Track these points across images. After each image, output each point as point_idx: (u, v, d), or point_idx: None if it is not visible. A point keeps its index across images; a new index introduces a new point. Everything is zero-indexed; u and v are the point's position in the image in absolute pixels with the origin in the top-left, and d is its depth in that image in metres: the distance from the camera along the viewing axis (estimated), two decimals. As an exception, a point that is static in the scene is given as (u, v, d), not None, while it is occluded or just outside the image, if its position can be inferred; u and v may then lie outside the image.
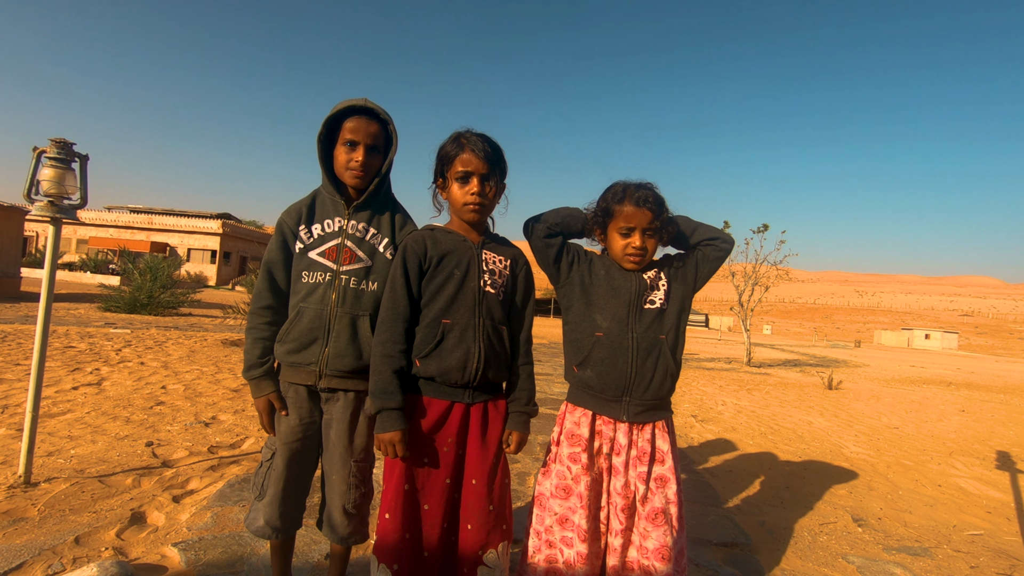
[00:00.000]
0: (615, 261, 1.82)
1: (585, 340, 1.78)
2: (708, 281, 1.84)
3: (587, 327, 1.78)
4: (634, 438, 1.74)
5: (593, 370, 1.75)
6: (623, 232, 1.74)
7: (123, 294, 13.02)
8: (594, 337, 1.76)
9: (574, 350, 1.81)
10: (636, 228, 1.73)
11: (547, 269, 1.85)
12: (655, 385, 1.73)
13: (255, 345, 1.73)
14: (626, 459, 1.73)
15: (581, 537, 1.67)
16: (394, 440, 1.55)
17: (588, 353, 1.76)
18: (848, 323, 79.32)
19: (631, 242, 1.74)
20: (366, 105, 1.70)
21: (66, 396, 4.46)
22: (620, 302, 1.76)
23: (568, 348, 1.85)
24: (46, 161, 2.57)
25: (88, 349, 7.03)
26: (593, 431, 1.75)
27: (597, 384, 1.75)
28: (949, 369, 17.89)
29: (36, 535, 2.17)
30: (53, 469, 2.87)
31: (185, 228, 36.27)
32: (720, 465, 4.19)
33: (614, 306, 1.76)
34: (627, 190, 1.73)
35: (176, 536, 2.26)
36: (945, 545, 2.93)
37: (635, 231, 1.73)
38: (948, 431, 6.35)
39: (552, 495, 1.75)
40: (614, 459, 1.73)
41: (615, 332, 1.74)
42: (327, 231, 1.74)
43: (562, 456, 1.77)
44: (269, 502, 1.71)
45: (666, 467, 1.74)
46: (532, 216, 1.84)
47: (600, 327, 1.76)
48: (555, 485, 1.75)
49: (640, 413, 1.74)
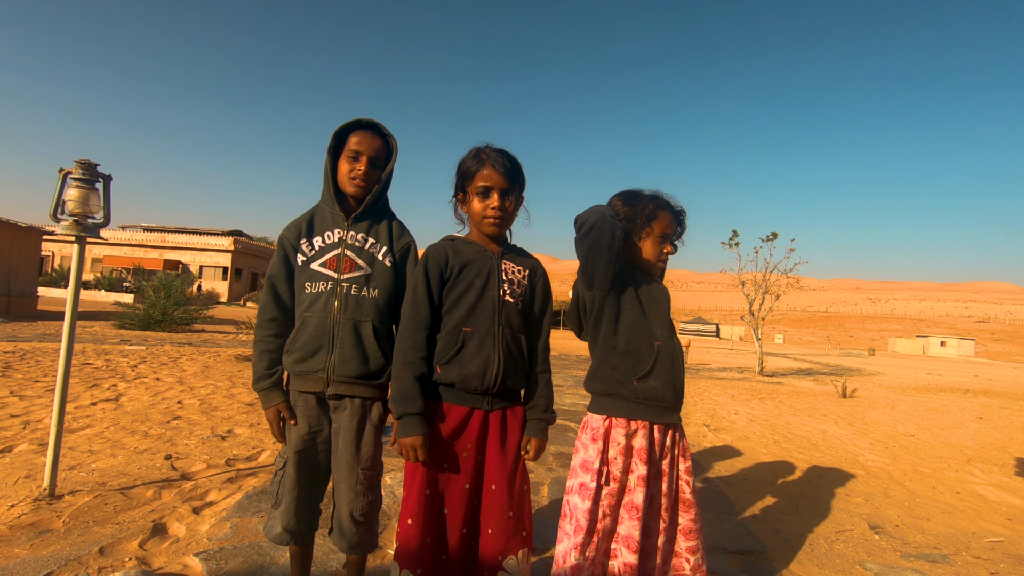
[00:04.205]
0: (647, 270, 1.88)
1: (646, 350, 1.74)
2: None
3: (645, 336, 1.75)
4: (668, 441, 1.78)
5: (657, 380, 1.73)
6: (661, 238, 1.84)
7: (137, 311, 13.21)
8: (655, 347, 1.75)
9: (631, 361, 1.74)
10: (671, 235, 1.85)
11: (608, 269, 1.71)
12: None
13: (262, 357, 1.79)
14: (671, 459, 1.77)
15: (632, 548, 1.66)
16: (416, 444, 1.58)
17: (653, 364, 1.73)
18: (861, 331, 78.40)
19: (666, 248, 1.85)
20: (371, 121, 1.81)
21: (85, 412, 4.54)
22: (663, 311, 1.80)
23: (620, 360, 1.75)
24: (71, 182, 2.65)
25: (105, 366, 7.13)
26: (652, 441, 1.74)
27: (660, 395, 1.73)
28: (966, 376, 17.62)
29: (62, 546, 2.22)
30: (76, 482, 2.93)
31: (197, 245, 36.76)
32: (734, 474, 4.17)
33: (660, 314, 1.79)
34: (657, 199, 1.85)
35: (197, 546, 2.30)
36: (964, 552, 2.90)
37: (670, 237, 1.85)
38: (966, 438, 6.26)
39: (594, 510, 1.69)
40: (662, 463, 1.76)
41: (667, 340, 1.77)
42: (327, 242, 1.81)
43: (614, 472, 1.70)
44: (285, 510, 1.75)
45: (684, 467, 1.80)
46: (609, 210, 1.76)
47: (658, 336, 1.76)
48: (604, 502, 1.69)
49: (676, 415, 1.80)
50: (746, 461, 4.59)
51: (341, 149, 1.81)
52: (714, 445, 5.12)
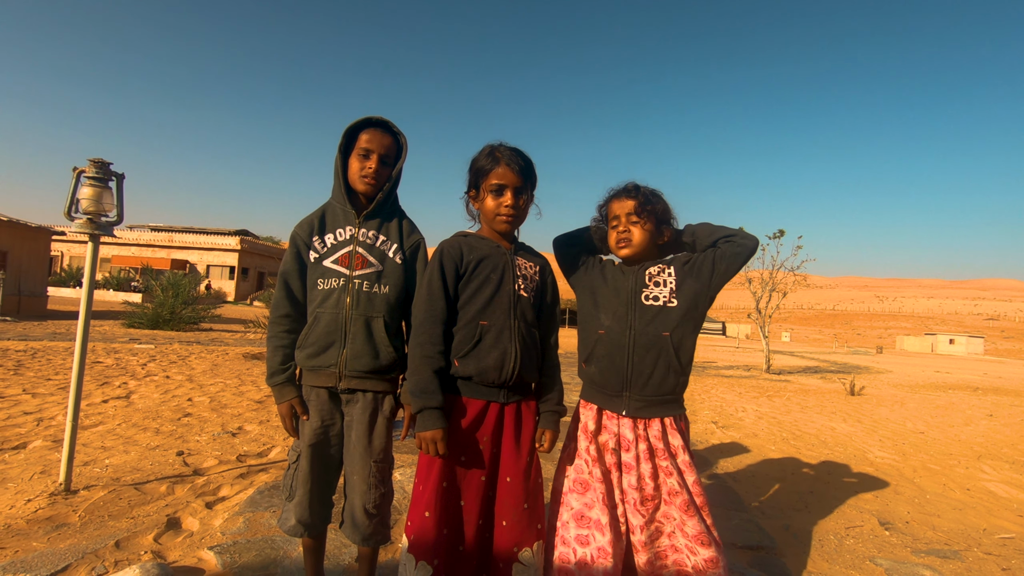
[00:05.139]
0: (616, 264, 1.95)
1: (590, 338, 1.89)
2: (728, 280, 1.82)
3: (592, 325, 1.89)
4: (640, 433, 1.78)
5: (596, 366, 1.86)
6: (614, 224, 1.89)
7: (146, 310, 13.32)
8: (597, 335, 1.87)
9: (581, 347, 1.93)
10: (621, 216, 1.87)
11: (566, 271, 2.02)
12: (655, 381, 1.76)
13: (276, 353, 1.81)
14: (636, 454, 1.76)
15: (601, 531, 1.70)
16: (436, 438, 1.60)
17: (592, 350, 1.87)
18: (869, 329, 77.97)
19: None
20: (381, 119, 1.81)
21: (97, 409, 4.59)
22: (620, 301, 1.85)
23: (578, 346, 1.96)
24: (85, 180, 2.68)
25: (115, 364, 7.20)
26: (600, 425, 1.84)
27: (600, 380, 1.85)
28: (976, 374, 17.50)
29: (79, 539, 2.25)
30: (90, 478, 2.96)
31: (204, 245, 36.96)
32: (742, 470, 4.17)
33: (615, 305, 1.86)
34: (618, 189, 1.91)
35: (211, 540, 2.33)
36: (975, 548, 2.89)
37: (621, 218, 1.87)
38: (976, 435, 6.23)
39: (571, 490, 1.80)
40: (623, 455, 1.77)
41: (615, 330, 1.83)
42: (339, 239, 1.82)
43: (580, 450, 1.83)
44: (299, 502, 1.77)
45: (681, 460, 1.78)
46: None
47: (603, 325, 1.86)
48: (573, 480, 1.81)
49: (642, 408, 1.78)
50: (754, 458, 4.59)
51: (352, 147, 1.82)
52: (722, 442, 5.11)
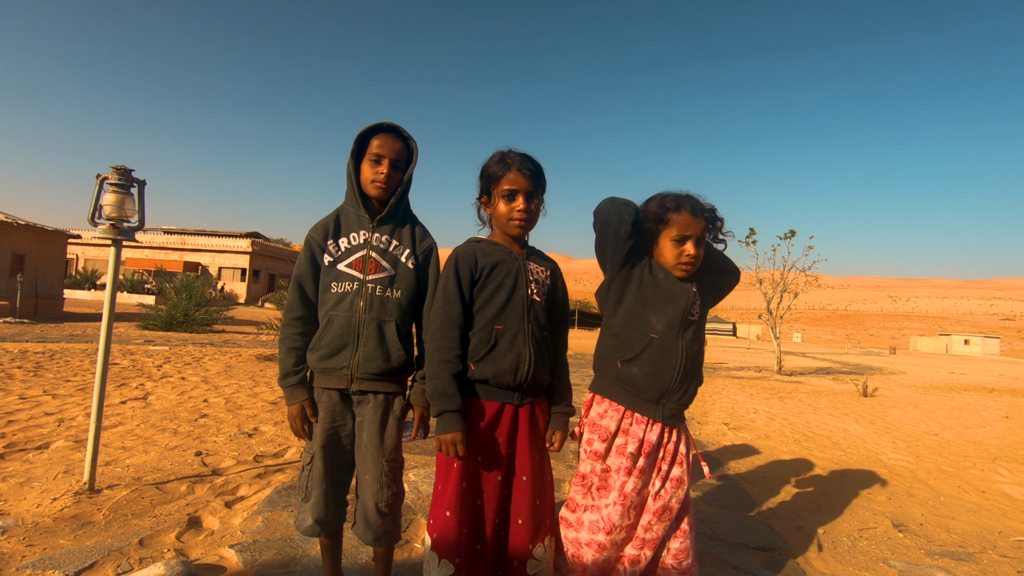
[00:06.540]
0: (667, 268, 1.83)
1: (637, 338, 1.79)
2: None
3: (641, 326, 1.80)
4: (665, 440, 1.81)
5: (641, 369, 1.78)
6: (678, 240, 1.77)
7: (160, 312, 13.49)
8: (648, 338, 1.78)
9: (621, 345, 1.82)
10: (691, 236, 1.76)
11: (615, 251, 1.79)
12: (690, 393, 1.81)
13: (289, 355, 1.84)
14: (654, 460, 1.79)
15: (606, 529, 1.73)
16: (456, 440, 1.63)
17: (640, 352, 1.78)
18: (882, 329, 77.14)
19: (685, 250, 1.77)
20: (392, 125, 1.84)
21: (115, 410, 4.67)
22: (675, 309, 1.78)
23: (613, 343, 1.84)
24: (107, 187, 2.75)
25: (131, 365, 7.31)
26: (619, 427, 1.80)
27: (641, 383, 1.78)
28: (991, 375, 17.27)
29: (103, 537, 2.31)
30: (112, 477, 3.03)
31: (216, 247, 37.31)
32: (754, 471, 4.17)
33: (669, 311, 1.79)
34: (679, 199, 1.77)
35: (232, 539, 2.38)
36: (990, 550, 2.87)
37: (690, 239, 1.76)
38: (991, 437, 6.17)
39: (580, 485, 1.84)
40: (641, 460, 1.77)
41: (668, 337, 1.78)
42: (353, 244, 1.85)
43: (594, 451, 1.84)
44: (315, 502, 1.81)
45: (683, 469, 1.82)
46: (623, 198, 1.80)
47: (655, 329, 1.78)
48: (583, 477, 1.84)
49: (671, 417, 1.80)
50: (766, 459, 4.58)
51: (363, 152, 1.85)
52: (733, 443, 5.11)
